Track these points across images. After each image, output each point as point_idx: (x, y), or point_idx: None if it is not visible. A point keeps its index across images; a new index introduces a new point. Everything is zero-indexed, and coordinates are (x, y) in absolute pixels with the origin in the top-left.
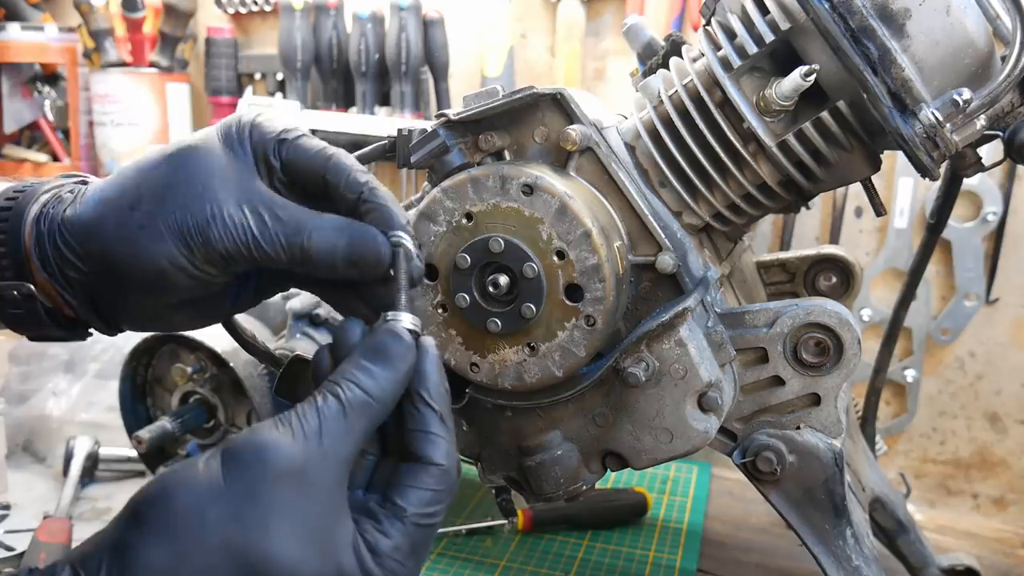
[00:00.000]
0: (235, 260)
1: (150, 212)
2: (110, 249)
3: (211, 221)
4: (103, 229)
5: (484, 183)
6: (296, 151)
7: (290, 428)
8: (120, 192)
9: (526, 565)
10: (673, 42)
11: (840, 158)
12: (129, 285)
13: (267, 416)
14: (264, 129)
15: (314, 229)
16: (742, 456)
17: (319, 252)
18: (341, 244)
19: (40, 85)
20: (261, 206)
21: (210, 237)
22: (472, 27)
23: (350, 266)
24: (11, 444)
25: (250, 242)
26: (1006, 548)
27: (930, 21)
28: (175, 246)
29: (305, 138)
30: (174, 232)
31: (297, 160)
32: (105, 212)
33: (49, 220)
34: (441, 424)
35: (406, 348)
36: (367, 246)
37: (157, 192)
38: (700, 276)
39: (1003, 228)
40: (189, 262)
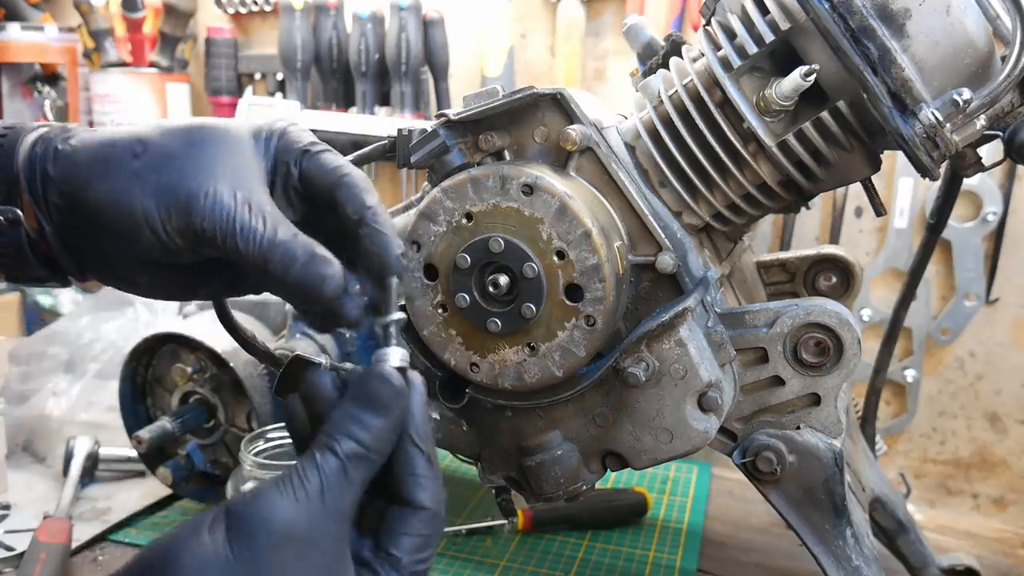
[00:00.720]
0: (205, 241)
1: (149, 164)
2: (96, 183)
3: (201, 196)
4: (100, 163)
5: (484, 183)
6: (315, 164)
7: (292, 490)
8: (131, 138)
9: (526, 565)
10: (673, 42)
11: (840, 158)
12: (98, 223)
13: (267, 416)
14: (292, 138)
15: (289, 241)
16: (742, 456)
17: (277, 264)
18: (298, 264)
19: (40, 85)
20: (254, 204)
21: (192, 209)
22: (472, 27)
23: (295, 287)
24: (11, 444)
25: (227, 230)
26: (1006, 548)
27: (930, 21)
28: (155, 203)
29: (328, 154)
30: (162, 190)
31: (313, 172)
32: (110, 150)
33: (49, 142)
34: (428, 465)
35: (397, 393)
36: (316, 274)
37: (167, 151)
38: (700, 276)
39: (1003, 228)
40: (162, 224)
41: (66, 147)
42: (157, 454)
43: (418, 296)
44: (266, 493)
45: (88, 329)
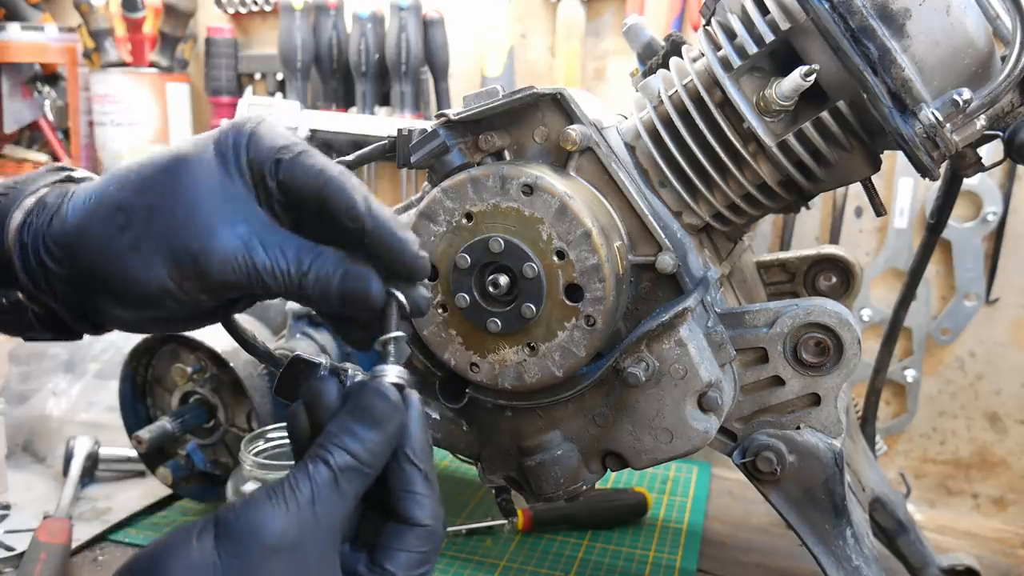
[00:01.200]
0: (231, 289)
1: (141, 234)
2: (97, 267)
3: (207, 251)
4: (91, 246)
5: (484, 183)
6: (292, 171)
7: (283, 500)
8: (109, 208)
9: (526, 565)
10: (673, 42)
11: (840, 158)
12: (117, 302)
13: (267, 416)
14: (261, 145)
15: (312, 264)
16: (742, 456)
17: (314, 288)
18: (335, 281)
19: (40, 85)
20: (260, 236)
21: (205, 268)
22: (472, 27)
23: (342, 304)
24: (11, 444)
25: (251, 274)
26: (1006, 548)
27: (930, 21)
28: (167, 273)
29: (303, 156)
30: (166, 259)
31: (294, 182)
32: (93, 228)
33: (33, 231)
34: (426, 483)
35: (393, 408)
36: (358, 287)
37: (147, 212)
38: (700, 276)
39: (1003, 228)
40: (181, 290)
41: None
42: (157, 454)
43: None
44: (256, 502)
45: None
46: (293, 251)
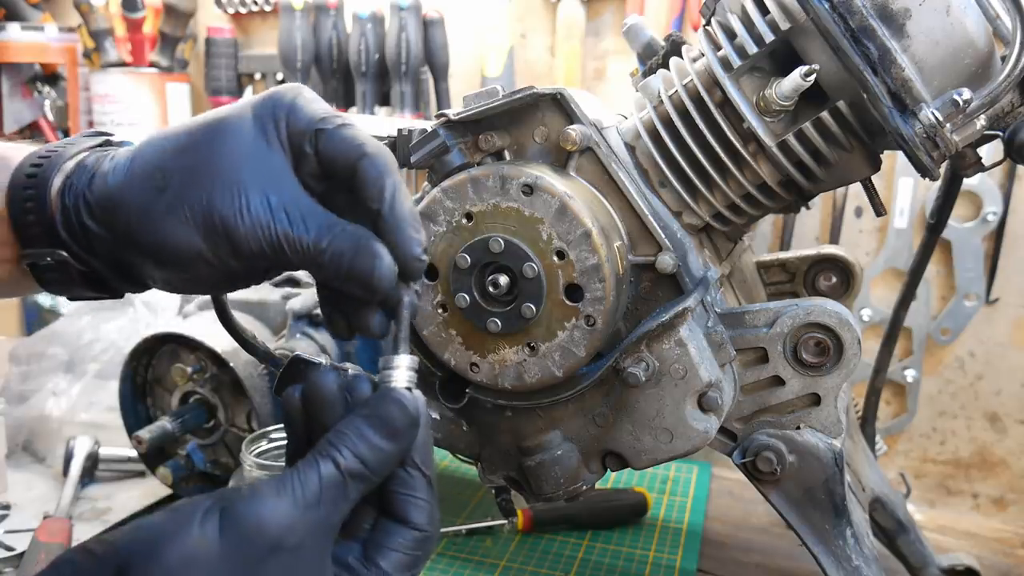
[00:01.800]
0: (257, 257)
1: (177, 196)
2: (134, 228)
3: (238, 217)
4: (129, 207)
5: (484, 183)
6: (331, 142)
7: (291, 495)
8: (148, 170)
9: (526, 565)
10: (673, 42)
11: (840, 158)
12: (153, 261)
13: (267, 416)
14: (301, 115)
15: (332, 240)
16: (742, 456)
17: (329, 263)
18: (347, 258)
19: (40, 85)
20: (290, 205)
21: (236, 235)
22: (472, 27)
23: (349, 279)
24: (11, 444)
25: (276, 244)
26: (1006, 548)
27: (930, 21)
28: (201, 237)
29: (344, 128)
30: (200, 223)
31: (331, 152)
32: (131, 189)
33: (74, 193)
34: (429, 489)
35: (411, 423)
36: (365, 265)
37: (185, 175)
38: (700, 276)
39: (1003, 228)
40: (213, 254)
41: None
42: (157, 454)
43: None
44: (264, 495)
45: (88, 329)
46: (316, 225)
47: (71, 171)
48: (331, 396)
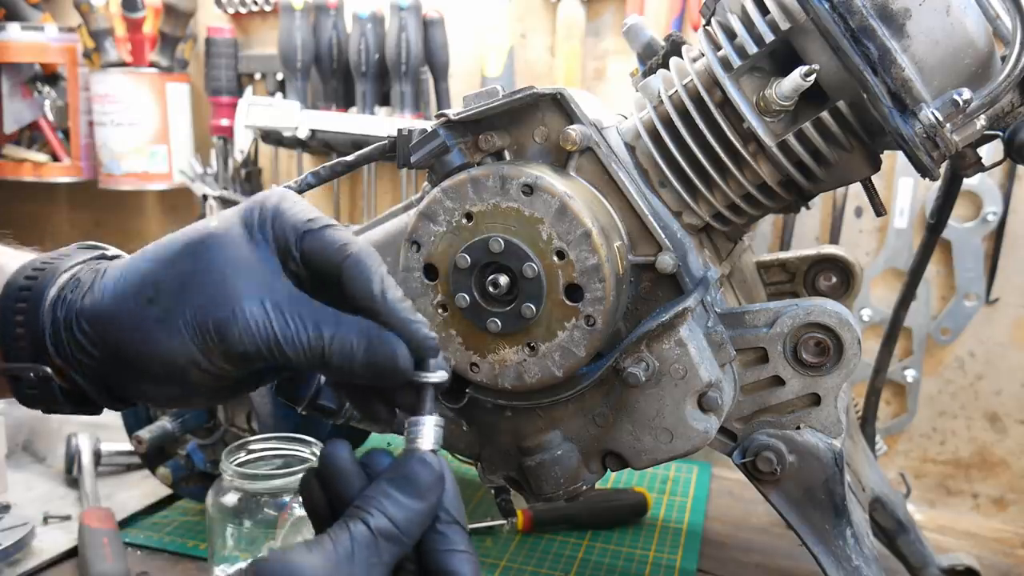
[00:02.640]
0: (254, 359)
1: (168, 307)
2: (125, 341)
3: (231, 320)
4: (119, 321)
5: (484, 183)
6: (314, 245)
7: (322, 551)
8: (139, 282)
9: (526, 565)
10: (673, 42)
11: (840, 158)
12: (144, 376)
13: (267, 416)
14: (287, 218)
15: (336, 332)
16: (742, 456)
17: (338, 357)
18: (359, 352)
19: (40, 85)
20: (284, 305)
21: (229, 336)
22: (472, 27)
23: (367, 372)
24: (11, 444)
25: (271, 344)
26: (1006, 548)
27: (930, 21)
28: (192, 343)
29: (329, 230)
30: (191, 329)
31: (315, 254)
32: (122, 304)
33: (66, 307)
34: (468, 541)
35: (436, 479)
36: (384, 355)
37: (176, 285)
38: (700, 276)
39: (1003, 228)
40: (206, 359)
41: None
42: (157, 454)
43: (418, 296)
44: (295, 552)
45: None
46: (314, 321)
47: (64, 283)
48: (347, 467)
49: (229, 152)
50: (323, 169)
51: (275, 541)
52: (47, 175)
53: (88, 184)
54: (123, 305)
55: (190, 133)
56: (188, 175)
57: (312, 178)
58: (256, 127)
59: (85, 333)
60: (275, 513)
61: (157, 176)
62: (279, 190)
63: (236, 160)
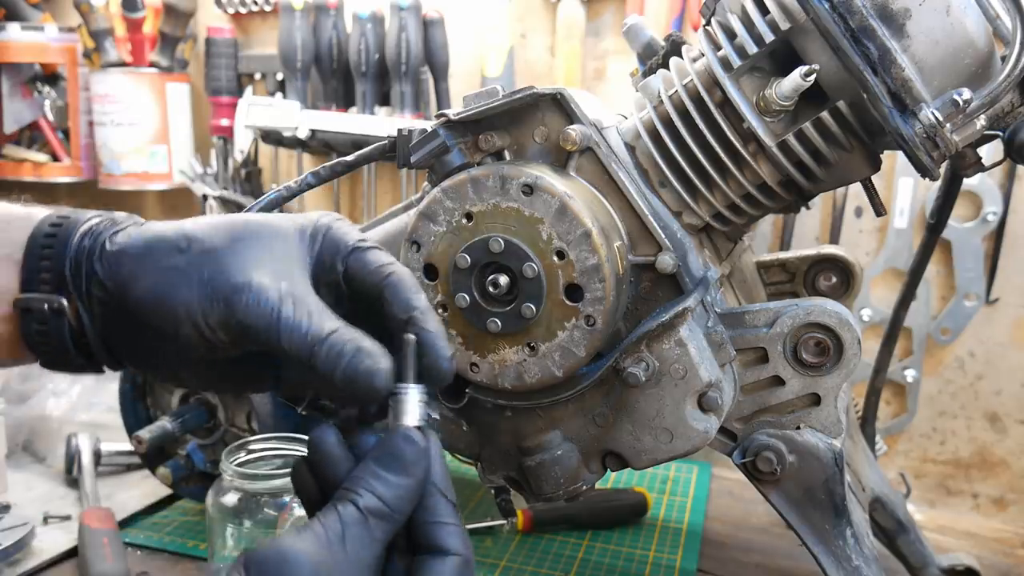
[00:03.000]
0: (249, 335)
1: (192, 260)
2: (138, 279)
3: (245, 288)
4: (141, 260)
5: (484, 183)
6: (361, 261)
7: (312, 534)
8: (175, 235)
9: (526, 565)
10: (673, 42)
11: (840, 158)
12: (142, 324)
13: (267, 416)
14: (338, 235)
15: (333, 335)
16: (742, 456)
17: (325, 359)
18: (346, 357)
19: (40, 85)
20: (298, 296)
21: (235, 303)
22: (472, 27)
23: (345, 384)
24: (11, 444)
25: (272, 324)
26: (1006, 548)
27: (930, 21)
28: (197, 298)
29: (375, 251)
30: (203, 285)
31: (359, 270)
32: (152, 245)
33: (95, 237)
34: (455, 514)
35: (421, 453)
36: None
37: (211, 245)
38: (700, 276)
39: (1003, 228)
40: (203, 319)
41: (112, 246)
42: (157, 454)
43: None
44: (285, 539)
45: None
46: (319, 318)
47: (100, 221)
48: (334, 452)
49: (229, 152)
50: (323, 169)
51: None
52: (47, 175)
53: (88, 184)
54: (152, 246)
55: (190, 133)
56: (188, 175)
57: (312, 178)
58: (256, 127)
59: (104, 265)
60: (275, 513)
61: (157, 176)
62: (334, 213)
63: (236, 160)
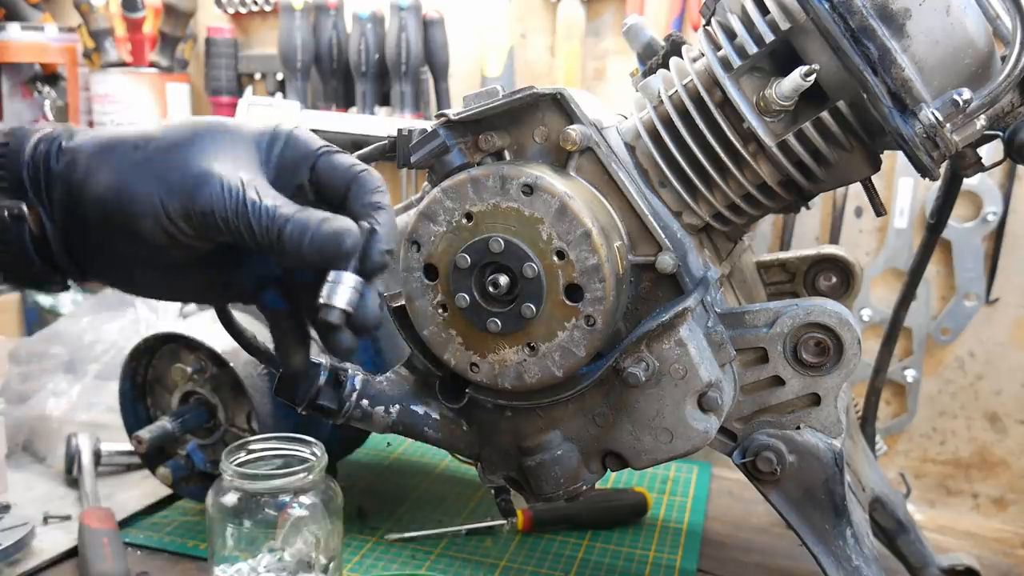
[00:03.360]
0: (216, 226)
1: (150, 156)
2: (96, 178)
3: (207, 178)
4: (98, 159)
5: (484, 183)
6: (329, 163)
7: None
8: (131, 135)
9: (526, 565)
10: (673, 42)
11: (840, 158)
12: (104, 222)
13: (267, 416)
14: (302, 140)
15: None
16: (742, 456)
17: (290, 235)
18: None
19: (40, 85)
20: (259, 185)
21: (199, 195)
22: (472, 27)
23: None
24: (11, 444)
25: (238, 210)
26: (1006, 548)
27: (930, 21)
28: (157, 190)
29: (341, 155)
30: (164, 180)
31: (328, 171)
32: (107, 145)
33: (51, 142)
34: None
35: None
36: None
37: (165, 143)
38: (700, 276)
39: (1003, 228)
40: (164, 210)
41: (70, 143)
42: (157, 454)
43: (418, 296)
44: None
45: (89, 330)
46: (283, 201)
47: (54, 128)
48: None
49: None
50: None
51: (275, 541)
52: None
53: None
54: (108, 145)
55: None
56: None
57: None
58: None
59: (62, 164)
60: (275, 513)
61: None
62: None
63: None
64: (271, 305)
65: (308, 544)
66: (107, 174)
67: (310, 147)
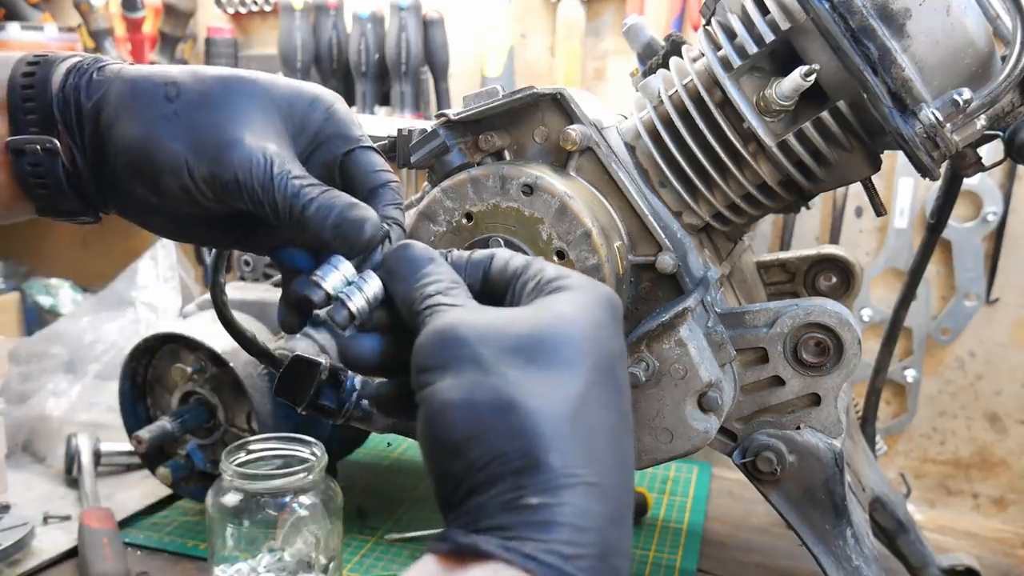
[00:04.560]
0: (236, 192)
1: (181, 109)
2: (126, 122)
3: (237, 143)
4: (132, 101)
5: (484, 183)
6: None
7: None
8: (163, 78)
9: None
10: (673, 42)
11: (840, 158)
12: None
13: (267, 416)
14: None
15: (325, 193)
16: (742, 456)
17: (314, 213)
18: (335, 210)
19: None
20: (288, 160)
21: (225, 159)
22: (472, 27)
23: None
24: (11, 444)
25: (263, 180)
26: (1006, 548)
27: (930, 21)
28: (184, 150)
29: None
30: (192, 139)
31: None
32: (139, 86)
33: (82, 73)
34: None
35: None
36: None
37: (200, 97)
38: (700, 276)
39: (1003, 228)
40: (188, 172)
41: (100, 77)
42: (157, 454)
43: None
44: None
45: (89, 329)
46: (311, 180)
47: (82, 59)
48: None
49: None
50: None
51: (275, 541)
52: None
53: None
54: (138, 90)
55: None
56: None
57: None
58: None
59: (93, 105)
60: (275, 513)
61: None
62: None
63: None
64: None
65: (308, 544)
66: (135, 124)
67: (351, 133)
